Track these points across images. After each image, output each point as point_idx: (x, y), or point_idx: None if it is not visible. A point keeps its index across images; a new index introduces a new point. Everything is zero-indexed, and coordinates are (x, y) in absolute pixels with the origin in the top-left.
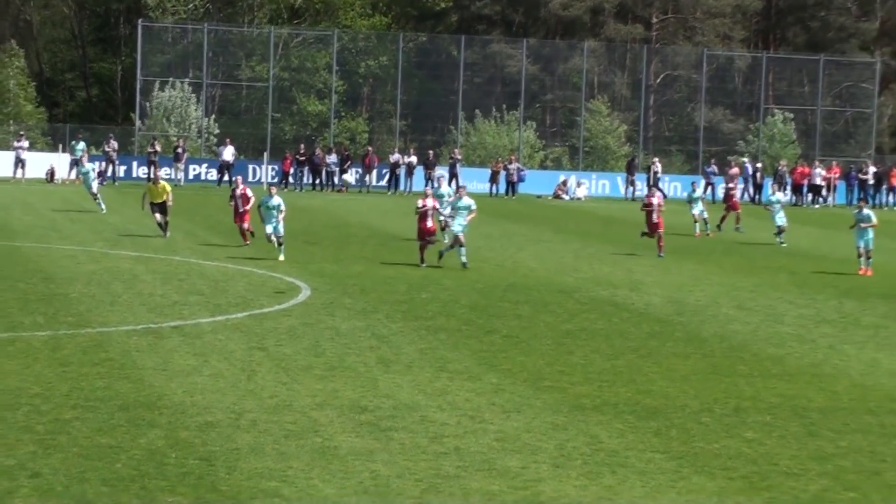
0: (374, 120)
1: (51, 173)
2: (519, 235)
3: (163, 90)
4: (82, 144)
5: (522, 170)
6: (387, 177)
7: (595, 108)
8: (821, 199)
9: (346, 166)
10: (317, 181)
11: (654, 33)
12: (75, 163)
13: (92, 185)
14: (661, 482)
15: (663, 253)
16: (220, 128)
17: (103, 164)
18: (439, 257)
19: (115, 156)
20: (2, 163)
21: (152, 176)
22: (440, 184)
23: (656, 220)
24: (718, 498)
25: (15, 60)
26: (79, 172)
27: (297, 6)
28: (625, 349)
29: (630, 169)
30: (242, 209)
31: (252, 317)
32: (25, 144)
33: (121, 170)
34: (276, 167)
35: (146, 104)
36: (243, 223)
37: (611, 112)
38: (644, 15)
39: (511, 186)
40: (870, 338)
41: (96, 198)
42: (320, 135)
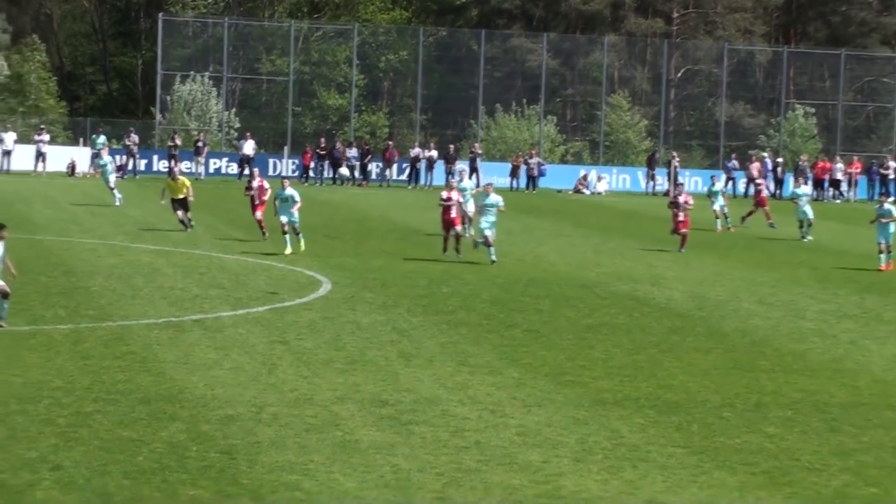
0: (395, 114)
1: (71, 167)
2: (540, 230)
3: (183, 84)
4: (102, 138)
5: (543, 164)
6: (407, 171)
7: (616, 103)
8: (840, 193)
9: (367, 160)
10: (336, 175)
11: (675, 28)
12: (95, 156)
13: (109, 179)
14: (683, 477)
15: (685, 249)
16: (241, 122)
17: (124, 158)
18: (475, 246)
19: (136, 149)
20: (23, 156)
21: (171, 170)
22: (462, 177)
23: (682, 219)
24: (740, 493)
25: (36, 54)
26: (97, 165)
27: (317, 0)
28: (646, 344)
29: (651, 164)
30: (259, 201)
31: (273, 310)
32: (46, 138)
33: (141, 163)
34: (297, 161)
35: (167, 98)
36: (257, 214)
37: (631, 106)
38: (665, 9)
39: (532, 181)
40: (891, 333)
41: (113, 191)
42: (340, 129)
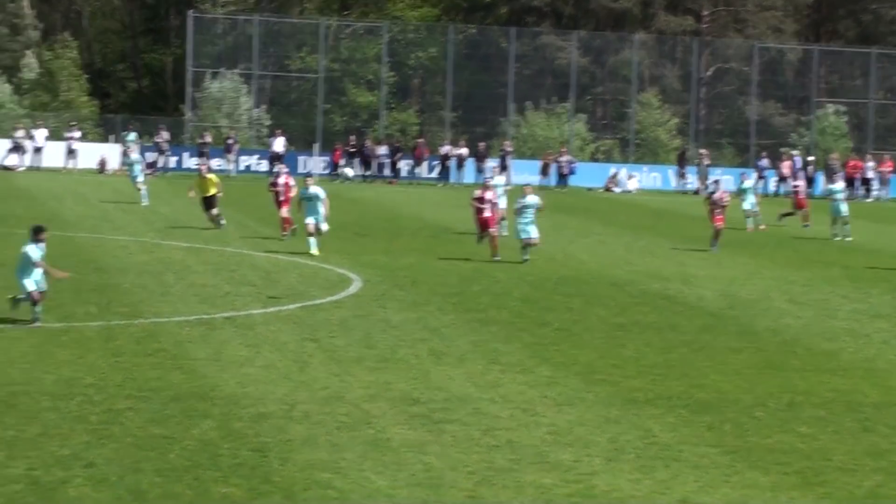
0: (425, 112)
1: (102, 164)
2: (570, 228)
3: (213, 81)
4: (133, 135)
5: (573, 162)
6: (437, 169)
7: (646, 101)
8: (870, 192)
9: (397, 158)
10: (368, 172)
11: (705, 26)
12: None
13: (138, 176)
14: (715, 476)
15: (717, 247)
16: (271, 119)
17: (155, 155)
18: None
19: (167, 146)
20: (54, 153)
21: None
22: (493, 174)
23: (719, 215)
24: (772, 493)
25: (67, 52)
26: (125, 162)
27: None
28: (677, 343)
29: (681, 162)
30: (284, 197)
31: (304, 308)
32: (77, 135)
33: (172, 160)
34: (327, 159)
35: (197, 95)
36: (282, 211)
37: (661, 105)
38: (694, 7)
39: (562, 179)
40: None
41: (140, 191)
42: (370, 126)
